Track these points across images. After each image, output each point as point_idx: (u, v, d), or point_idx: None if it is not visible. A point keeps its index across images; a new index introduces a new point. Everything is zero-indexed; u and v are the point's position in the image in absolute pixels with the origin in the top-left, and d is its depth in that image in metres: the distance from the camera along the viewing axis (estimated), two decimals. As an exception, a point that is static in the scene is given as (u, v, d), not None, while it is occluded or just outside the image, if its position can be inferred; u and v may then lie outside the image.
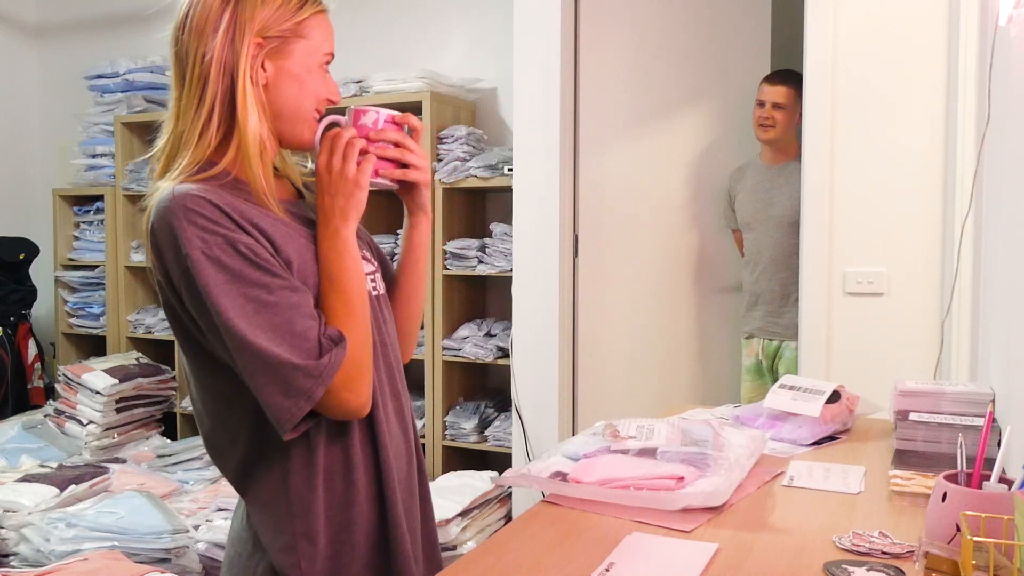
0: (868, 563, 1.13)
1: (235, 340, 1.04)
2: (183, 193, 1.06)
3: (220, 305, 1.03)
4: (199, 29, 1.12)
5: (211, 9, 1.12)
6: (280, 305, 1.06)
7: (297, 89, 1.15)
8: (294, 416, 1.06)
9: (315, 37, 1.16)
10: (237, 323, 1.03)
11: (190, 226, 1.04)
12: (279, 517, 1.14)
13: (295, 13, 1.14)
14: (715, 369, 3.47)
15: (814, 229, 2.70)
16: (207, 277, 1.03)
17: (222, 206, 1.06)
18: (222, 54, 1.11)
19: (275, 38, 1.13)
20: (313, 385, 1.05)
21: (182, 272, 1.05)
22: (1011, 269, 1.66)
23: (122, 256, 4.24)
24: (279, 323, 1.05)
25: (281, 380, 1.04)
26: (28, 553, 2.83)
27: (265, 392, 1.05)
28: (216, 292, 1.03)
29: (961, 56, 2.49)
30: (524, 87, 3.17)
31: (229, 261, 1.04)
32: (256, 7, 1.12)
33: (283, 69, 1.14)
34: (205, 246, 1.04)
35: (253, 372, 1.05)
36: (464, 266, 3.45)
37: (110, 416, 3.81)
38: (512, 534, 1.29)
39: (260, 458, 1.15)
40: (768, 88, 3.15)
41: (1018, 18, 1.65)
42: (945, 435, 1.60)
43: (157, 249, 1.07)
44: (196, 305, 1.06)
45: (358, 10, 3.92)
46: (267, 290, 1.06)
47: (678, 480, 1.39)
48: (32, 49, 4.83)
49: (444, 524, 2.78)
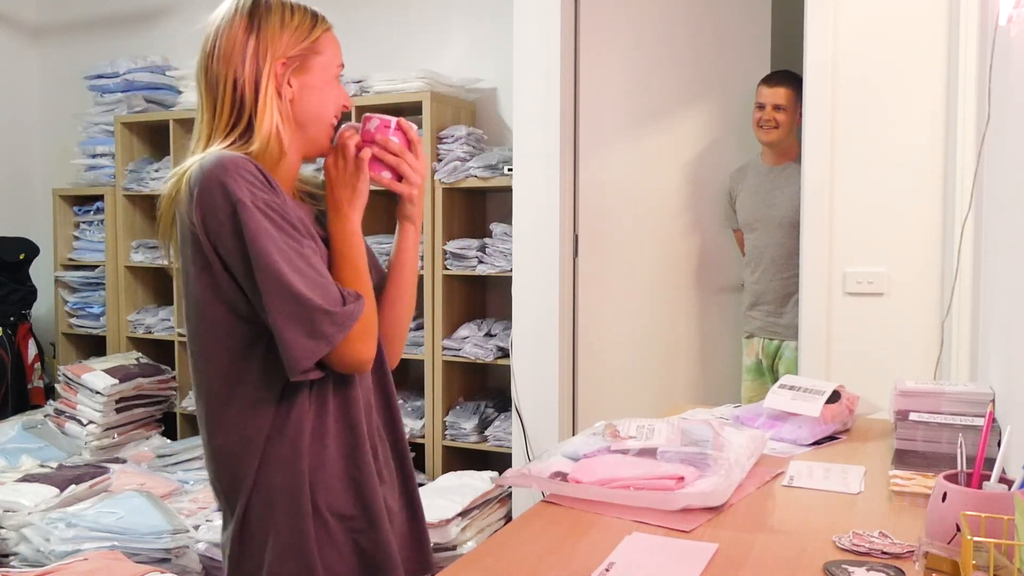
0: (868, 563, 1.13)
1: (274, 280, 1.14)
2: (231, 156, 1.19)
3: (265, 246, 1.14)
4: (227, 58, 1.25)
5: (236, 39, 1.25)
6: (311, 259, 1.19)
7: (319, 99, 1.30)
8: (312, 356, 1.16)
9: (328, 52, 1.31)
10: (280, 265, 1.14)
11: (240, 179, 1.16)
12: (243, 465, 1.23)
13: (309, 33, 1.29)
14: (715, 369, 3.47)
15: (814, 229, 2.70)
16: (255, 222, 1.15)
17: (264, 172, 1.20)
18: (252, 77, 1.25)
19: (296, 57, 1.28)
20: (335, 331, 1.17)
21: (229, 216, 1.15)
22: (1011, 269, 1.66)
23: (122, 256, 4.24)
24: (311, 273, 1.17)
25: (308, 322, 1.15)
26: (28, 553, 2.83)
27: (290, 331, 1.15)
28: (262, 235, 1.15)
29: (961, 56, 2.49)
30: (524, 87, 3.17)
31: (271, 214, 1.17)
32: (275, 33, 1.26)
33: (305, 84, 1.29)
34: (253, 197, 1.16)
35: (283, 312, 1.15)
36: (464, 266, 3.45)
37: (110, 416, 3.81)
38: (512, 534, 1.29)
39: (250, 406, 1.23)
40: (767, 90, 3.14)
41: (1018, 18, 1.65)
42: (945, 435, 1.60)
43: (204, 197, 1.16)
44: (234, 248, 1.16)
45: (358, 10, 3.92)
46: (299, 244, 1.18)
47: (678, 480, 1.39)
48: (32, 49, 4.83)
49: (444, 524, 2.78)
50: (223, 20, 1.27)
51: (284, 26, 1.26)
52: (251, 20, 1.25)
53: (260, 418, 1.22)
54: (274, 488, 1.22)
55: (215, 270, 1.19)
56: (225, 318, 1.20)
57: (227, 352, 1.21)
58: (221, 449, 1.24)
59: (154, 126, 4.21)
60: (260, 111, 1.24)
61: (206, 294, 1.20)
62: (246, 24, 1.25)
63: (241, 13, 1.26)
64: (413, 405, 3.63)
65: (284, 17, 1.27)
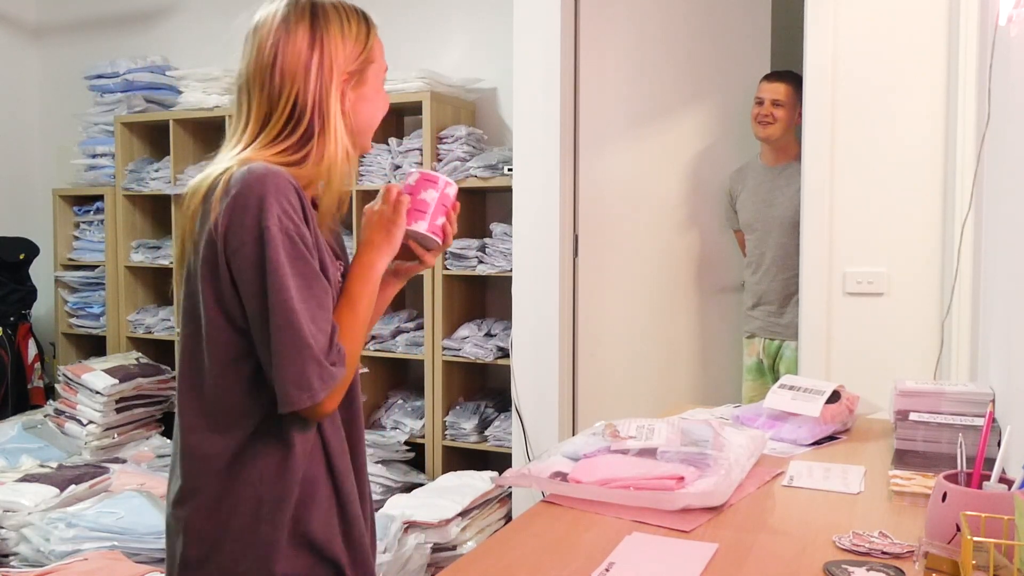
0: (868, 563, 1.13)
1: (285, 316, 1.11)
2: (278, 172, 1.15)
3: (283, 281, 1.12)
4: (291, 73, 1.20)
5: (300, 54, 1.20)
6: (319, 299, 1.16)
7: (372, 109, 1.29)
8: (295, 404, 1.12)
9: (379, 57, 1.29)
10: (294, 302, 1.12)
11: (276, 204, 1.13)
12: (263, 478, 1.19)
13: (365, 41, 1.26)
14: (715, 369, 3.46)
15: (814, 229, 2.70)
16: (276, 253, 1.12)
17: (303, 199, 1.17)
18: (317, 93, 1.21)
19: (356, 71, 1.25)
20: (320, 389, 1.13)
21: (255, 238, 1.12)
22: (1011, 269, 1.66)
23: (122, 256, 4.24)
24: (317, 319, 1.14)
25: (301, 370, 1.12)
26: (28, 553, 2.82)
27: (283, 370, 1.12)
28: (281, 268, 1.12)
29: (961, 56, 2.49)
30: (524, 87, 3.17)
31: (292, 248, 1.14)
32: (338, 47, 1.22)
33: (362, 95, 1.27)
34: (282, 224, 1.13)
35: (284, 350, 1.12)
36: (464, 266, 3.45)
37: (110, 416, 3.81)
38: (512, 534, 1.29)
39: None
40: (767, 85, 3.15)
41: (1018, 18, 1.65)
42: (945, 435, 1.60)
43: (236, 209, 1.13)
44: (248, 271, 1.13)
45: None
46: (309, 287, 1.15)
47: (678, 480, 1.39)
48: (32, 49, 4.83)
49: (444, 524, 2.78)
50: (279, 28, 1.20)
51: (344, 37, 1.22)
52: (313, 32, 1.20)
53: (240, 428, 1.19)
54: (243, 500, 1.18)
55: (222, 279, 1.16)
56: (223, 326, 1.17)
57: (217, 359, 1.18)
58: (195, 449, 1.21)
59: (154, 126, 4.21)
60: (328, 133, 1.21)
61: (208, 298, 1.18)
62: (308, 37, 1.20)
63: (301, 24, 1.20)
64: (413, 405, 3.63)
65: (343, 26, 1.23)
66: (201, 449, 1.20)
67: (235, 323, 1.17)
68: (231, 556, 1.18)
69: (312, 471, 1.21)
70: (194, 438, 1.20)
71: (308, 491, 1.20)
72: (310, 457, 1.21)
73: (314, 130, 1.21)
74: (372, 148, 1.33)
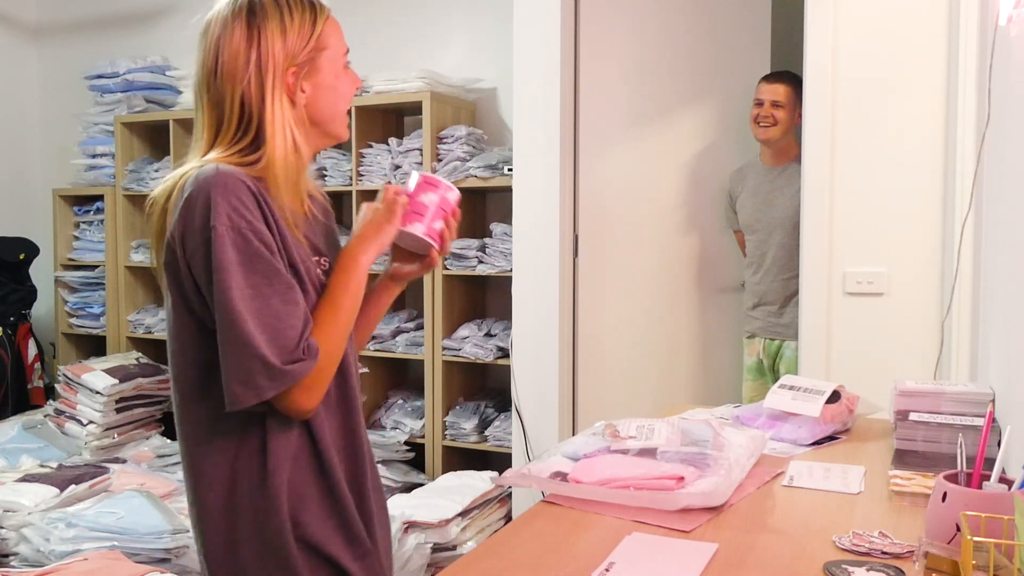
0: (868, 563, 1.13)
1: (226, 315, 1.11)
2: (227, 172, 1.14)
3: (226, 280, 1.11)
4: (231, 73, 1.19)
5: (238, 53, 1.19)
6: (273, 300, 1.13)
7: (332, 97, 1.26)
8: (240, 402, 1.12)
9: (333, 43, 1.26)
10: (235, 301, 1.10)
11: (224, 202, 1.12)
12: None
13: (311, 30, 1.23)
14: (715, 369, 3.46)
15: (814, 229, 2.70)
16: (223, 251, 1.11)
17: (256, 195, 1.15)
18: (259, 91, 1.19)
19: (304, 62, 1.22)
20: (268, 387, 1.11)
21: (203, 241, 1.12)
22: (1011, 269, 1.66)
23: (122, 256, 4.24)
24: (268, 315, 1.12)
25: (246, 368, 1.10)
26: (28, 553, 2.82)
27: (228, 369, 1.12)
28: (226, 267, 1.11)
29: (961, 56, 2.49)
30: (524, 87, 3.17)
31: (245, 245, 1.12)
32: (276, 41, 1.20)
33: (318, 84, 1.24)
34: (231, 224, 1.12)
35: (227, 348, 1.11)
36: (464, 266, 3.45)
37: (110, 416, 3.81)
38: (512, 534, 1.29)
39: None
40: (766, 87, 3.15)
41: (1018, 18, 1.65)
42: (945, 435, 1.60)
43: (187, 212, 1.13)
44: (203, 273, 1.13)
45: (358, 10, 3.91)
46: (268, 283, 1.13)
47: (678, 480, 1.39)
48: (32, 49, 4.83)
49: (444, 524, 2.78)
50: (219, 29, 1.20)
51: (285, 30, 1.20)
52: (250, 28, 1.18)
53: (229, 430, 1.19)
54: (244, 510, 1.19)
55: (186, 285, 1.16)
56: (194, 332, 1.17)
57: (194, 364, 1.18)
58: (196, 457, 1.22)
59: (154, 126, 4.21)
60: (270, 129, 1.19)
61: (177, 304, 1.18)
62: (245, 34, 1.18)
63: (238, 22, 1.19)
64: (413, 405, 3.63)
65: (283, 19, 1.20)
66: (196, 461, 1.21)
67: (205, 326, 1.16)
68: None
69: (300, 472, 1.20)
70: (195, 450, 1.21)
71: (298, 492, 1.20)
72: (295, 459, 1.20)
73: (262, 126, 1.20)
74: (347, 136, 1.33)
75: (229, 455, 1.19)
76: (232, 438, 1.19)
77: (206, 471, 1.20)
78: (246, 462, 1.19)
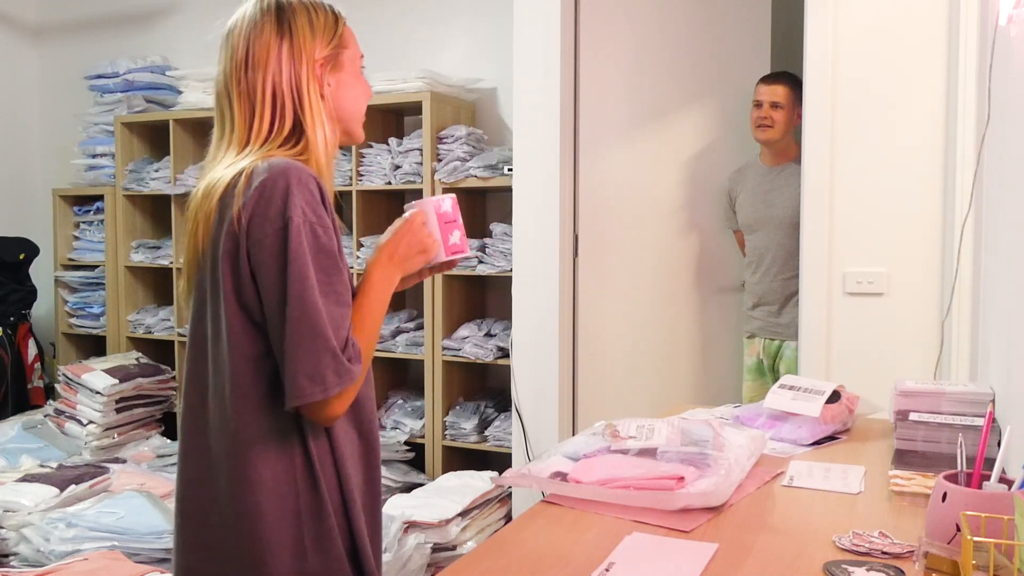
0: (868, 563, 1.13)
1: (300, 306, 1.11)
2: (299, 165, 1.17)
3: (303, 271, 1.12)
4: (262, 63, 1.23)
5: (269, 44, 1.23)
6: (335, 298, 1.15)
7: (354, 92, 1.33)
8: (306, 396, 1.11)
9: (352, 45, 1.33)
10: (311, 291, 1.12)
11: (299, 195, 1.14)
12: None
13: (334, 30, 1.29)
14: (715, 369, 3.46)
15: (814, 229, 2.70)
16: (299, 243, 1.13)
17: (323, 192, 1.18)
18: (291, 83, 1.23)
19: (329, 57, 1.28)
20: (335, 383, 1.12)
21: (277, 228, 1.13)
22: (1011, 269, 1.66)
23: (122, 256, 4.24)
24: (333, 313, 1.14)
25: (317, 361, 1.11)
26: (28, 553, 2.82)
27: (296, 361, 1.11)
28: (303, 256, 1.13)
29: (961, 56, 2.49)
30: (524, 87, 3.17)
31: (315, 241, 1.15)
32: (307, 35, 1.25)
33: (341, 81, 1.30)
34: (306, 217, 1.14)
35: (298, 340, 1.11)
36: (464, 266, 3.45)
37: (110, 416, 3.81)
38: (512, 534, 1.29)
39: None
40: (765, 88, 3.15)
41: (1018, 18, 1.65)
42: (945, 435, 1.60)
43: (260, 199, 1.14)
44: (270, 260, 1.13)
45: (358, 10, 3.89)
46: (330, 281, 1.15)
47: (678, 480, 1.39)
48: (32, 49, 4.83)
49: (444, 524, 2.78)
50: (248, 26, 1.24)
51: (313, 26, 1.25)
52: (279, 24, 1.23)
53: (275, 431, 1.18)
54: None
55: (242, 272, 1.15)
56: (246, 326, 1.16)
57: (247, 359, 1.17)
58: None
59: (154, 126, 4.21)
60: (310, 118, 1.23)
61: (229, 296, 1.16)
62: (276, 29, 1.23)
63: (268, 18, 1.23)
64: (413, 405, 3.63)
65: (311, 17, 1.25)
66: (249, 464, 1.18)
67: (254, 319, 1.17)
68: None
69: (322, 481, 1.20)
70: (246, 452, 1.18)
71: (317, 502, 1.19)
72: (321, 466, 1.19)
73: (300, 120, 1.23)
74: (363, 138, 1.38)
75: (290, 457, 1.18)
76: (292, 440, 1.18)
77: (263, 475, 1.17)
78: (304, 463, 1.18)
